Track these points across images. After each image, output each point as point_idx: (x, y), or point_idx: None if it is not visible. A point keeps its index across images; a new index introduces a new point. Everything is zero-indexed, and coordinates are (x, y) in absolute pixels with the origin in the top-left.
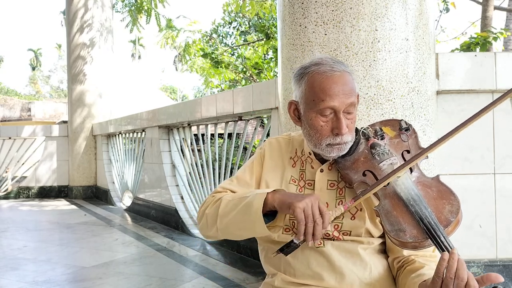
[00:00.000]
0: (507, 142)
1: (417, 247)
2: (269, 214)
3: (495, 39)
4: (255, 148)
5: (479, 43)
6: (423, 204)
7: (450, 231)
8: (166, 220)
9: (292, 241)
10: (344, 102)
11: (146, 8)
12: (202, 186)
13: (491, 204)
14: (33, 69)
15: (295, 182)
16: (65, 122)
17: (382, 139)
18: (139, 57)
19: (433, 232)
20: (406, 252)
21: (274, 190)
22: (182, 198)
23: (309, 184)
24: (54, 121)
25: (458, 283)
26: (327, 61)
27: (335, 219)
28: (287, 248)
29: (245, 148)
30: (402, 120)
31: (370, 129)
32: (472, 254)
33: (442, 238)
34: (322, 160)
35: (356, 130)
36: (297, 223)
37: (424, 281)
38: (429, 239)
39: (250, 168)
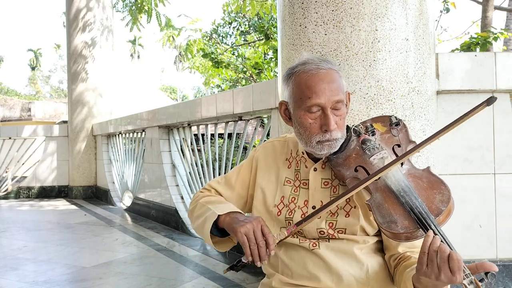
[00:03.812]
0: (507, 142)
1: (409, 238)
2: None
3: (495, 39)
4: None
5: (479, 43)
6: (413, 194)
7: (441, 220)
8: (166, 220)
9: (240, 259)
10: (330, 99)
11: (146, 8)
12: (202, 186)
13: (491, 204)
14: (33, 69)
15: (290, 183)
16: (65, 122)
17: (373, 135)
18: (138, 57)
19: (424, 222)
20: (401, 249)
21: (228, 212)
22: (182, 198)
23: (304, 184)
24: (54, 121)
25: (441, 254)
26: (314, 60)
27: (280, 241)
28: (237, 266)
29: (245, 148)
30: (392, 115)
31: (361, 126)
32: (472, 254)
33: (433, 227)
34: (316, 159)
35: (348, 127)
36: (241, 245)
37: None
38: (421, 229)
39: (238, 171)
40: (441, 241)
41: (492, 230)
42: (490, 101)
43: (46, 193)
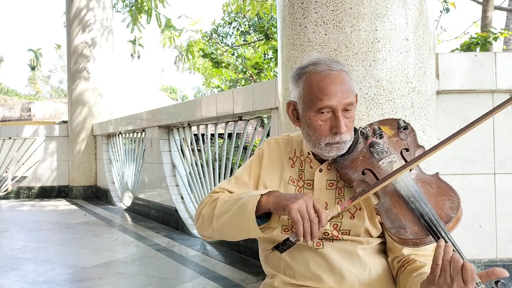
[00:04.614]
0: (507, 143)
1: (418, 244)
2: (264, 216)
3: (495, 39)
4: (256, 148)
5: (479, 43)
6: (423, 200)
7: (451, 227)
8: (166, 220)
9: (287, 238)
10: (342, 102)
11: (146, 8)
12: (202, 186)
13: (491, 204)
14: (33, 69)
15: (294, 182)
16: (65, 122)
17: (380, 138)
18: (139, 57)
19: (434, 228)
20: (406, 251)
21: (268, 192)
22: (182, 198)
23: (308, 184)
24: (54, 121)
25: (455, 265)
26: (325, 61)
27: (332, 218)
28: (283, 246)
29: (245, 148)
30: (400, 119)
31: (369, 128)
32: (472, 254)
33: (443, 234)
34: (321, 160)
35: (355, 129)
36: (294, 223)
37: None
38: (430, 236)
39: (248, 169)
40: (453, 250)
41: (492, 230)
42: None
43: (46, 193)
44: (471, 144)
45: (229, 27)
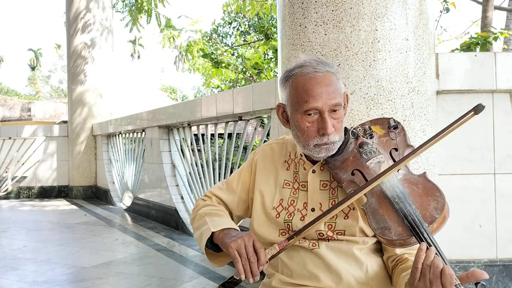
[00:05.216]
0: (507, 142)
1: (403, 245)
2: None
3: (495, 39)
4: (256, 148)
5: (479, 43)
6: (407, 201)
7: (435, 227)
8: (166, 220)
9: (232, 276)
10: (328, 103)
11: (146, 8)
12: (202, 186)
13: (491, 204)
14: (33, 69)
15: (289, 185)
16: (65, 122)
17: (371, 137)
18: (139, 57)
19: (417, 229)
20: (399, 251)
21: (222, 229)
22: (182, 198)
23: (303, 186)
24: (54, 121)
25: (434, 270)
26: (311, 63)
27: (272, 257)
28: (228, 284)
29: (245, 148)
30: (391, 118)
31: (360, 128)
32: (472, 254)
33: (426, 235)
34: (314, 161)
35: (346, 130)
36: (233, 261)
37: None
38: (414, 237)
39: (238, 175)
40: (436, 253)
41: (492, 230)
42: (477, 109)
43: (46, 193)
44: (470, 144)
45: (229, 27)
